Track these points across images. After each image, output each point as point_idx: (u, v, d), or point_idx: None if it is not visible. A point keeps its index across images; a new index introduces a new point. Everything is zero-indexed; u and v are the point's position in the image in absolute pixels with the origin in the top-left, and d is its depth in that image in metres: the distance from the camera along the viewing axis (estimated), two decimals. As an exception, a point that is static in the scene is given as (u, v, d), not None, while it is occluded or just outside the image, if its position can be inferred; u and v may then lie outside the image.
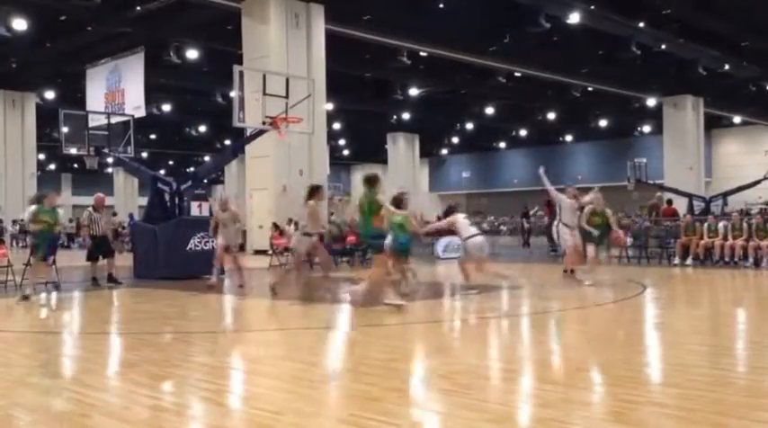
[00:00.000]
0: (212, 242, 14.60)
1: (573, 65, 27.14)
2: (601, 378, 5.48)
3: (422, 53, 25.35)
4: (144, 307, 10.16)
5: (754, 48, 25.61)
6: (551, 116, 37.12)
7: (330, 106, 26.35)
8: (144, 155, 41.60)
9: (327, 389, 5.23)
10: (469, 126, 40.83)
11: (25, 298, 10.53)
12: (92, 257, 13.03)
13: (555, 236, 12.92)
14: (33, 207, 11.38)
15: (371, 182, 8.88)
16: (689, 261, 16.44)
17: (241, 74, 15.12)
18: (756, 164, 34.92)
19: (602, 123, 39.79)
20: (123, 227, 29.32)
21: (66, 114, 17.31)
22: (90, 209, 13.24)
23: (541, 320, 8.70)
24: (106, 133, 16.84)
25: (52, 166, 51.19)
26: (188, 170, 42.43)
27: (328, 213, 20.16)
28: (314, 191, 10.45)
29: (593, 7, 20.68)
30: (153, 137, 40.66)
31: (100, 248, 12.97)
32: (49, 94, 30.40)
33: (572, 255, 12.20)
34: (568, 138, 46.35)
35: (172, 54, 22.70)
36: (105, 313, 10.15)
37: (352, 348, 6.89)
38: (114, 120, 17.82)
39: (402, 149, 44.03)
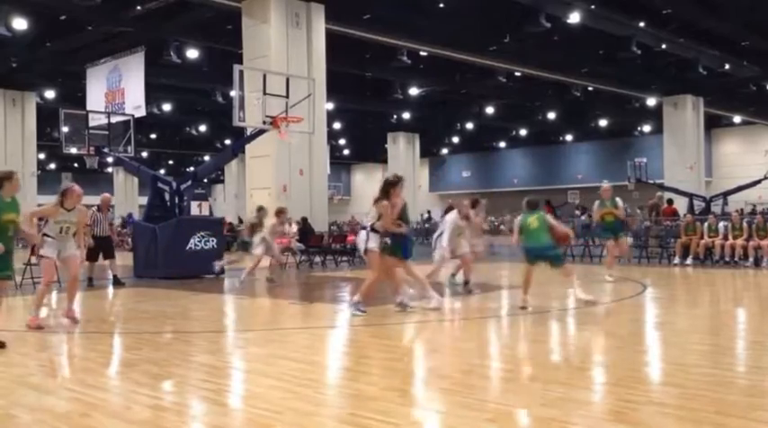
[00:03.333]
0: (212, 242, 14.63)
1: (573, 64, 27.13)
2: (601, 377, 5.48)
3: (422, 52, 25.33)
4: (144, 307, 10.16)
5: (755, 47, 25.59)
6: (551, 116, 37.12)
7: (330, 106, 26.34)
8: (144, 154, 41.62)
9: (327, 389, 5.23)
10: (470, 125, 40.82)
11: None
12: (91, 257, 13.02)
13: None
14: None
15: (535, 205, 9.45)
16: (689, 260, 16.44)
17: (241, 73, 15.11)
18: (756, 163, 34.94)
19: (603, 123, 39.78)
20: (123, 227, 29.36)
21: (66, 114, 17.32)
22: (95, 208, 13.19)
23: (541, 319, 8.70)
24: (106, 133, 16.85)
25: (52, 166, 51.13)
26: (188, 169, 42.45)
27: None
28: (390, 186, 9.35)
29: (593, 7, 20.67)
30: (153, 136, 40.65)
31: (101, 249, 12.93)
32: (50, 94, 30.40)
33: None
34: (568, 137, 46.34)
35: (172, 53, 22.68)
36: (105, 312, 10.15)
37: (352, 347, 6.89)
38: (114, 119, 17.82)
39: (402, 149, 44.02)
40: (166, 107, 32.40)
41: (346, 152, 50.02)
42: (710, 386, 4.98)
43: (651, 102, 33.39)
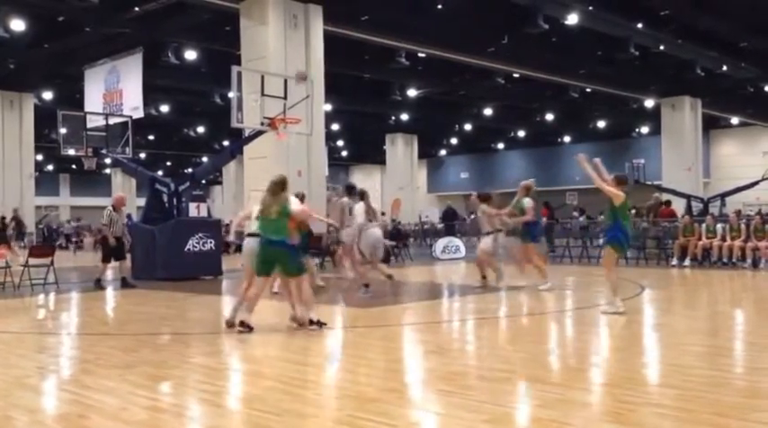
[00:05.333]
0: (210, 243, 14.60)
1: (571, 66, 27.14)
2: (599, 378, 5.48)
3: (420, 54, 25.33)
4: (142, 309, 10.15)
5: (753, 48, 25.61)
6: (549, 117, 37.14)
7: (328, 107, 26.33)
8: (142, 155, 41.55)
9: (325, 390, 5.23)
10: (468, 127, 40.81)
11: None
12: (106, 258, 12.90)
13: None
14: None
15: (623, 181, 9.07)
16: (687, 262, 16.45)
17: (239, 74, 15.11)
18: (754, 164, 34.95)
19: (601, 124, 39.80)
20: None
21: (64, 115, 17.31)
22: (110, 208, 13.04)
23: (540, 321, 8.70)
24: (104, 134, 16.85)
25: (50, 167, 51.06)
26: (186, 171, 42.41)
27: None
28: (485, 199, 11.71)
29: (591, 8, 20.68)
30: (151, 137, 40.60)
31: (114, 250, 12.84)
32: (47, 95, 30.34)
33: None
34: (567, 138, 46.35)
35: (170, 55, 22.65)
36: (103, 314, 10.14)
37: (350, 349, 6.88)
38: (112, 120, 17.82)
39: (400, 150, 44.02)
40: (164, 108, 32.36)
41: (345, 153, 50.01)
42: (708, 387, 4.98)
43: (649, 103, 33.42)
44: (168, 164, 51.79)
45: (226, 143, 36.65)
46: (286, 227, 7.56)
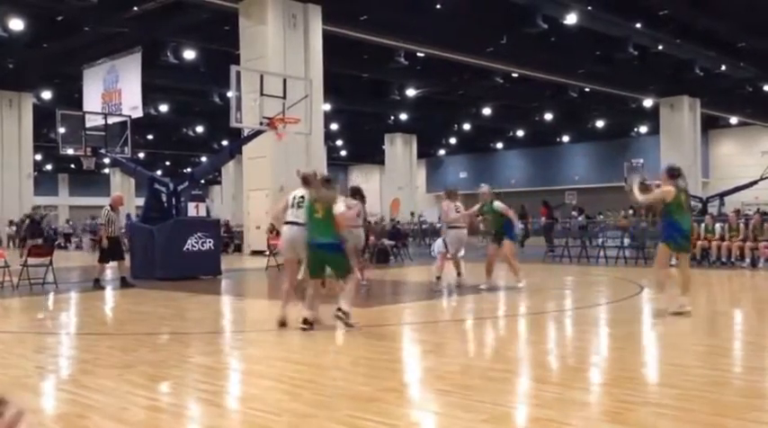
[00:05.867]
0: (209, 243, 14.60)
1: (570, 65, 27.17)
2: (598, 378, 5.48)
3: (419, 53, 25.36)
4: (141, 308, 10.14)
5: (751, 48, 25.66)
6: (548, 117, 37.18)
7: (327, 107, 26.36)
8: (141, 155, 41.55)
9: (325, 390, 5.23)
10: (467, 126, 40.86)
11: None
12: (104, 258, 12.81)
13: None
14: None
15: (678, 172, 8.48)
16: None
17: (238, 74, 15.11)
18: (753, 164, 34.98)
19: (599, 124, 39.84)
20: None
21: (63, 115, 17.30)
22: (108, 207, 12.96)
23: (538, 320, 8.71)
24: (103, 134, 16.85)
25: (49, 167, 51.08)
26: (185, 171, 42.40)
27: None
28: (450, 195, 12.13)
29: (590, 8, 20.70)
30: (150, 137, 40.62)
31: (111, 250, 12.75)
32: (46, 95, 30.36)
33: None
34: (565, 138, 46.40)
35: (169, 54, 22.68)
36: (102, 314, 10.13)
37: (349, 348, 6.88)
38: (111, 120, 17.82)
39: (399, 150, 44.05)
40: (163, 108, 32.38)
41: (344, 153, 50.04)
42: (707, 386, 4.99)
43: (648, 103, 33.46)
44: (167, 163, 51.80)
45: (225, 143, 36.68)
46: (331, 227, 7.33)
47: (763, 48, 25.13)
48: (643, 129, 41.24)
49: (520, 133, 43.69)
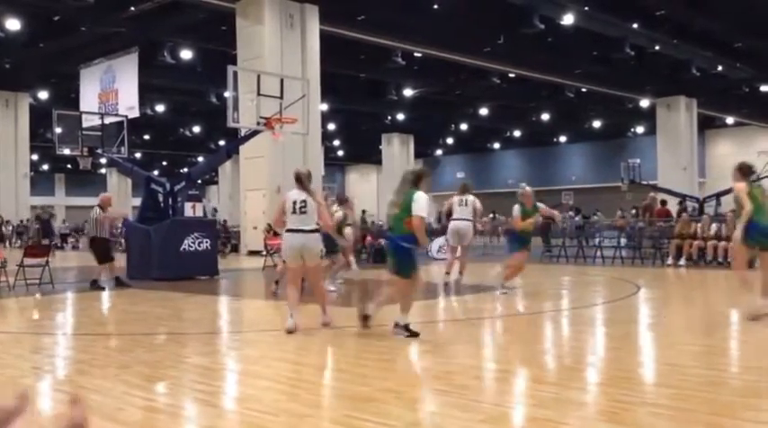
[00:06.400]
0: (206, 243, 14.59)
1: (567, 66, 27.20)
2: (595, 377, 5.49)
3: (416, 53, 25.37)
4: (137, 309, 10.13)
5: (747, 49, 25.71)
6: (545, 117, 37.21)
7: (324, 107, 26.34)
8: (137, 155, 41.51)
9: (322, 390, 5.23)
10: (464, 126, 40.88)
11: None
12: (102, 260, 12.61)
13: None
14: None
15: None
16: (682, 261, 16.48)
17: (235, 74, 15.11)
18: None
19: (596, 124, 39.89)
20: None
21: (59, 115, 17.27)
22: (97, 208, 12.78)
23: (535, 320, 8.72)
24: (100, 134, 16.82)
25: (45, 167, 51.00)
26: (182, 171, 42.36)
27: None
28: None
29: (586, 8, 20.73)
30: (147, 137, 40.57)
31: (101, 251, 12.61)
32: (43, 95, 30.31)
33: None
34: (562, 138, 46.44)
35: (166, 54, 22.66)
36: (99, 314, 10.12)
37: (346, 349, 6.88)
38: (108, 120, 17.80)
39: (396, 150, 44.04)
40: (160, 108, 32.34)
41: (341, 153, 50.00)
42: (704, 386, 5.00)
43: (644, 103, 33.50)
44: (164, 163, 51.74)
45: (222, 143, 36.66)
46: (402, 224, 7.02)
47: (759, 48, 25.18)
48: (640, 130, 41.29)
49: (517, 133, 43.72)
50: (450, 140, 47.27)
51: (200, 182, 39.11)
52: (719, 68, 27.41)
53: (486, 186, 49.06)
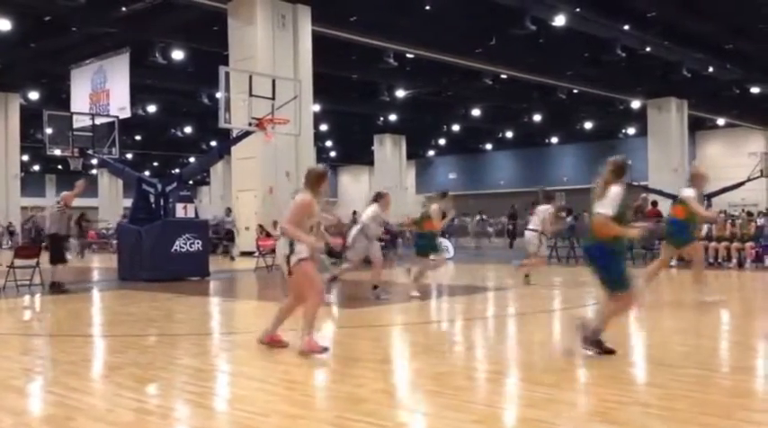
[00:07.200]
0: (197, 244, 14.54)
1: (558, 67, 27.29)
2: (586, 378, 5.50)
3: (408, 55, 25.39)
4: (128, 310, 10.09)
5: (737, 50, 25.84)
6: (537, 118, 37.31)
7: (317, 107, 26.33)
8: (129, 156, 41.41)
9: (314, 391, 5.22)
10: (456, 127, 40.95)
11: None
12: (55, 260, 12.12)
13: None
14: None
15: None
16: (673, 262, 16.53)
17: (227, 75, 15.07)
18: (740, 165, 35.21)
19: (588, 125, 40.03)
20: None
21: (50, 115, 17.19)
22: (60, 204, 12.42)
23: (527, 321, 8.73)
24: (91, 134, 16.76)
25: (36, 168, 50.79)
26: (173, 171, 42.23)
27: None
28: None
29: (578, 10, 20.79)
30: (138, 138, 40.47)
31: (59, 250, 12.18)
32: (34, 95, 30.17)
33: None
34: (554, 139, 46.60)
35: (157, 55, 22.59)
36: (89, 315, 10.08)
37: (339, 349, 6.87)
38: (99, 121, 17.72)
39: (389, 150, 44.07)
40: (152, 108, 32.25)
41: (333, 154, 49.99)
42: (695, 386, 5.01)
43: (636, 104, 33.63)
44: (155, 164, 51.60)
45: (213, 143, 36.60)
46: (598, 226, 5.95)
47: (749, 49, 25.32)
48: (631, 131, 41.47)
49: (509, 134, 43.83)
50: (442, 141, 47.34)
51: (191, 182, 39.02)
52: (710, 70, 27.55)
53: (478, 187, 49.26)
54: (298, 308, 6.33)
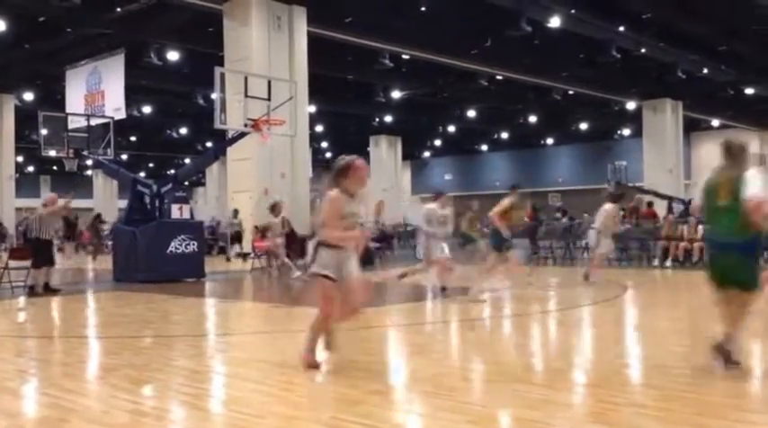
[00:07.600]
0: (193, 245, 14.51)
1: (554, 68, 27.31)
2: (582, 379, 5.50)
3: (404, 56, 25.37)
4: (124, 311, 10.07)
5: (732, 52, 25.89)
6: (532, 119, 37.33)
7: (312, 108, 26.28)
8: (124, 157, 41.26)
9: (309, 392, 5.21)
10: (451, 128, 40.95)
11: None
12: (37, 264, 11.97)
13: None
14: None
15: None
16: (668, 263, 16.58)
17: (222, 76, 15.06)
18: (734, 166, 35.28)
19: (583, 126, 40.07)
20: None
21: (45, 116, 17.16)
22: (41, 208, 12.27)
23: (523, 322, 8.73)
24: (86, 135, 16.73)
25: (31, 169, 50.61)
26: (168, 172, 42.16)
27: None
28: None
29: (573, 11, 20.82)
30: (133, 139, 40.35)
31: (43, 253, 12.03)
32: (28, 96, 30.05)
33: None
34: (549, 140, 46.64)
35: (152, 55, 22.52)
36: (84, 316, 10.05)
37: (334, 350, 6.86)
38: (94, 121, 17.69)
39: (384, 152, 44.05)
40: (147, 109, 32.17)
41: (329, 155, 49.93)
42: (691, 387, 5.02)
43: (631, 105, 33.69)
44: (151, 165, 51.47)
45: (209, 144, 36.53)
46: (737, 220, 5.10)
47: (743, 51, 25.38)
48: (626, 132, 41.53)
49: (504, 135, 43.84)
50: (437, 142, 47.34)
51: (186, 183, 38.93)
52: (705, 71, 27.60)
53: (475, 188, 49.23)
54: (344, 314, 5.86)
